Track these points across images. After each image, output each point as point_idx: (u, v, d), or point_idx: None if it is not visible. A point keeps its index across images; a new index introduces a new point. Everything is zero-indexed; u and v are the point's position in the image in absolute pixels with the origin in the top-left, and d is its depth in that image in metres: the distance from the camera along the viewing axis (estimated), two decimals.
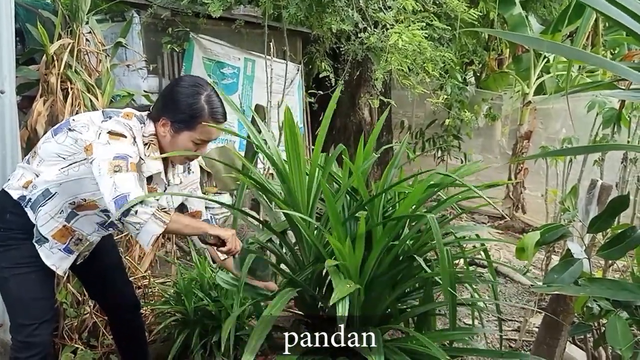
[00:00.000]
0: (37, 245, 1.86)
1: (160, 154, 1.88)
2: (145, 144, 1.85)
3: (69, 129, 1.84)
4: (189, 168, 2.10)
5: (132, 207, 1.63)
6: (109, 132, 1.75)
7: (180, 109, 1.83)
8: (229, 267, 2.07)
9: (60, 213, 1.87)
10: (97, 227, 1.98)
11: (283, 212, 1.88)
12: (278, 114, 4.85)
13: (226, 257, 2.02)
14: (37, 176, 1.84)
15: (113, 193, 1.65)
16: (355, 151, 2.01)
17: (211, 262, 2.20)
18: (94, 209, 1.92)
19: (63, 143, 1.83)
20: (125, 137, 1.77)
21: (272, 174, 3.59)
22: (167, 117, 1.84)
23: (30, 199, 1.84)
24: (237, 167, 2.21)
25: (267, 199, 2.04)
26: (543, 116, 6.42)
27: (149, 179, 1.88)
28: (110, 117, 1.85)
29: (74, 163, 1.83)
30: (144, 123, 1.88)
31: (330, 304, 1.41)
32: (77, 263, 2.02)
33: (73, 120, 1.87)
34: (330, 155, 2.01)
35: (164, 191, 1.95)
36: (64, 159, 1.83)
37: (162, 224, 1.66)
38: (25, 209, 1.84)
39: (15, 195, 1.84)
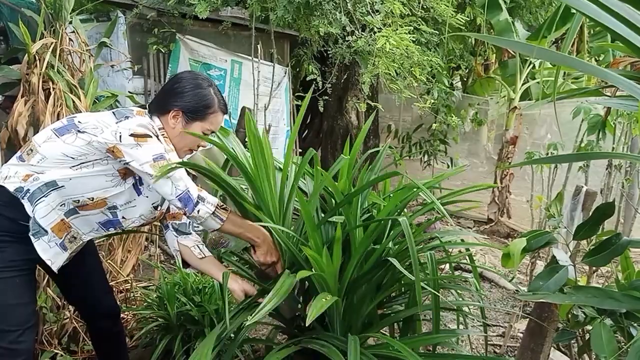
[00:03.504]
0: (33, 239, 1.79)
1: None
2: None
3: (79, 131, 1.82)
4: None
5: (196, 205, 1.78)
6: (133, 135, 1.76)
7: (192, 99, 1.90)
8: (205, 270, 2.07)
9: (62, 206, 1.83)
10: (96, 226, 1.94)
11: (253, 218, 1.86)
12: (265, 116, 4.84)
13: (203, 256, 2.03)
14: (40, 173, 1.79)
15: (175, 192, 1.76)
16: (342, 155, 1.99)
17: (181, 266, 2.17)
18: (102, 207, 1.88)
19: (73, 144, 1.80)
20: (150, 136, 1.79)
21: None
22: (177, 108, 1.89)
23: (29, 189, 1.77)
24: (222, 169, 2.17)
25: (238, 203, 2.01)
26: (529, 121, 6.47)
27: None
28: (126, 117, 1.86)
29: (88, 162, 1.81)
30: (151, 119, 1.91)
31: (307, 323, 1.42)
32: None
33: (79, 122, 1.85)
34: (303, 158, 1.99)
35: None
36: (73, 158, 1.80)
37: (220, 222, 1.82)
38: (22, 200, 1.77)
39: (11, 187, 1.77)
